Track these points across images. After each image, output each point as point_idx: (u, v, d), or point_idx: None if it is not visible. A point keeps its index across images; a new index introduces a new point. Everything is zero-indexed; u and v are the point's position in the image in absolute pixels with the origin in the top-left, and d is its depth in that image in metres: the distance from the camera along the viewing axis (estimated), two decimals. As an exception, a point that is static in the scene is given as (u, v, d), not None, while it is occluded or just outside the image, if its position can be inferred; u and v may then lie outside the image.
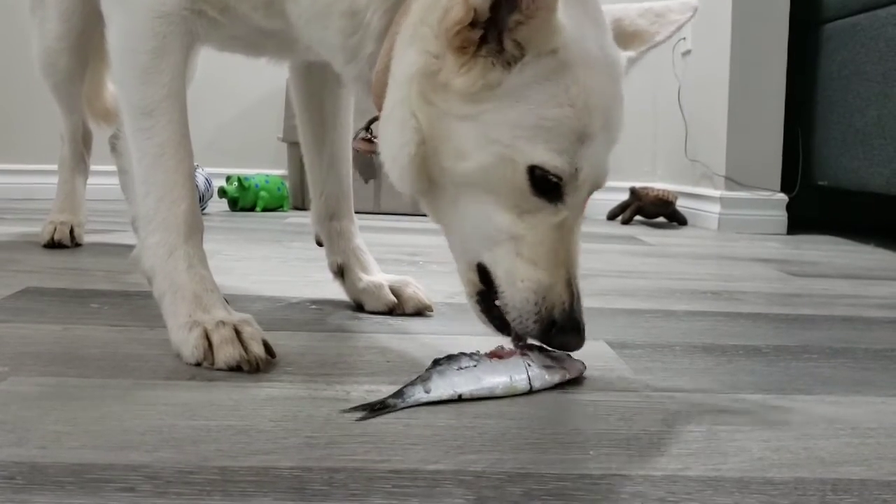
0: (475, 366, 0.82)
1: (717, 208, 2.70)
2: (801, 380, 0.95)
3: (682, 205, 2.86)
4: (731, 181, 2.69)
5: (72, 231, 1.69)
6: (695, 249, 2.20)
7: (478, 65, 0.79)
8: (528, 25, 0.77)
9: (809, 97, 2.67)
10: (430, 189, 0.85)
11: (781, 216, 2.68)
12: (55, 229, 1.68)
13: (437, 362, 0.82)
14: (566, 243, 0.83)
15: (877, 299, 1.52)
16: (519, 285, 0.81)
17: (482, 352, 0.85)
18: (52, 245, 1.67)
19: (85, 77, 1.68)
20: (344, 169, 1.23)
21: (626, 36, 0.92)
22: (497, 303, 0.84)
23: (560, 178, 0.80)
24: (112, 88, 1.83)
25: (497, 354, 0.84)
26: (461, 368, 0.81)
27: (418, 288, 1.21)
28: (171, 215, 0.94)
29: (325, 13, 0.89)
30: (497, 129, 0.79)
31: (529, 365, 0.84)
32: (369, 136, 0.97)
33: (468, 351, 0.85)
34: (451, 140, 0.81)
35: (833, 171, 2.55)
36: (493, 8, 0.77)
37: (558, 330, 0.81)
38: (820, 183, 2.64)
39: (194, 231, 0.95)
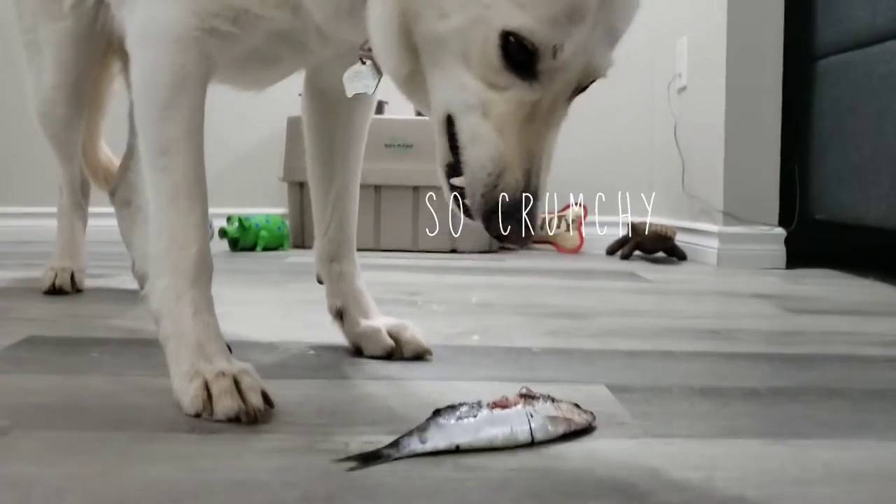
0: (475, 416, 0.81)
1: (715, 243, 2.71)
2: (799, 423, 0.95)
3: (680, 240, 2.87)
4: (730, 216, 2.70)
5: (72, 277, 1.71)
6: (694, 286, 2.21)
7: None
8: None
9: (805, 132, 2.70)
10: (416, 70, 0.82)
11: (780, 250, 2.68)
12: (56, 275, 1.69)
13: (437, 412, 0.82)
14: (537, 130, 0.77)
15: (875, 336, 1.52)
16: (480, 146, 0.77)
17: (484, 401, 0.84)
18: (54, 291, 1.68)
19: (80, 126, 1.70)
20: (349, 211, 1.23)
21: None
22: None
23: (535, 51, 0.74)
24: (107, 149, 1.86)
25: (500, 404, 0.84)
26: (460, 418, 0.81)
27: (416, 331, 1.21)
28: (181, 258, 0.95)
29: None
30: None
31: (532, 415, 0.83)
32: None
33: (469, 400, 0.84)
34: None
35: (830, 205, 2.56)
36: None
37: (504, 214, 0.76)
38: (817, 217, 2.65)
39: (203, 275, 0.96)
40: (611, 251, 3.00)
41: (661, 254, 2.89)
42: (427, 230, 2.91)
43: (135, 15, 0.99)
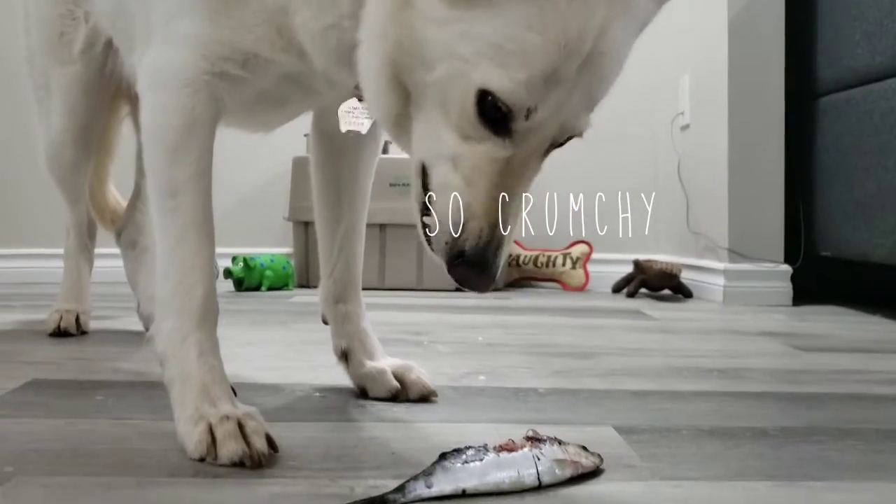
0: (482, 460, 0.80)
1: (721, 280, 2.70)
2: (810, 464, 0.93)
3: (686, 277, 2.87)
4: (735, 253, 2.70)
5: (77, 319, 1.71)
6: (700, 324, 2.20)
7: None
8: None
9: (808, 169, 2.71)
10: (403, 114, 0.83)
11: (786, 287, 2.68)
12: (61, 318, 1.69)
13: (443, 456, 0.81)
14: (507, 183, 0.78)
15: (884, 374, 1.51)
16: (447, 195, 0.79)
17: (490, 445, 0.83)
18: (59, 333, 1.68)
19: (88, 170, 1.71)
20: (355, 252, 1.23)
21: None
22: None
23: (508, 112, 0.74)
24: (115, 191, 1.88)
25: (506, 448, 0.82)
26: (466, 462, 0.80)
27: (422, 373, 1.20)
28: (187, 300, 0.95)
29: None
30: (463, 42, 0.74)
31: (539, 458, 0.82)
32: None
33: (475, 444, 0.83)
34: (424, 48, 0.77)
35: (836, 241, 2.56)
36: None
37: (463, 261, 0.78)
38: (823, 254, 2.65)
39: (208, 317, 0.96)
40: (616, 289, 2.99)
41: (666, 291, 2.88)
42: (432, 268, 2.91)
43: (145, 60, 1.01)
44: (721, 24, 2.72)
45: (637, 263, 2.92)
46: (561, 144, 0.83)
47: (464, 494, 0.78)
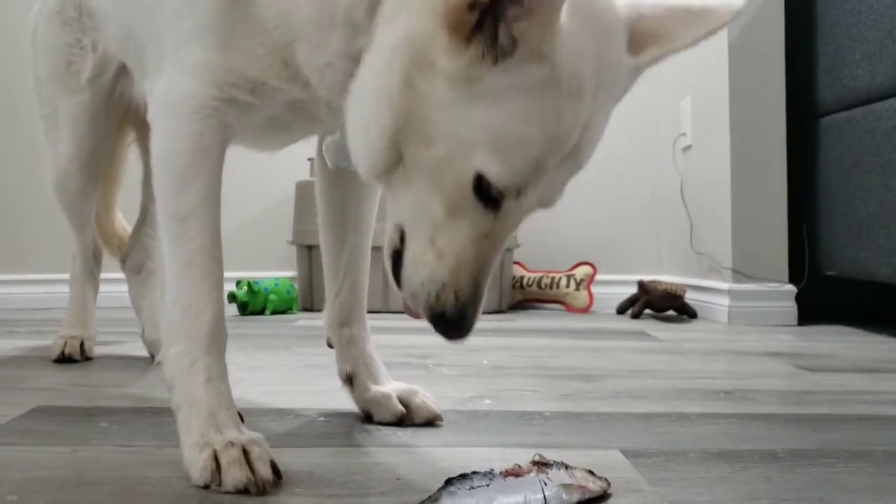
0: (488, 485, 0.80)
1: (726, 301, 2.70)
2: (820, 487, 0.93)
3: (690, 297, 2.86)
4: (739, 274, 2.69)
5: (81, 345, 1.71)
6: (706, 344, 2.19)
7: (468, 52, 0.76)
8: (527, 21, 0.73)
9: (811, 189, 2.71)
10: (391, 171, 0.84)
11: (791, 307, 2.67)
12: (65, 343, 1.69)
13: (449, 482, 0.80)
14: (485, 253, 0.83)
15: (891, 395, 1.50)
16: (419, 269, 0.83)
17: (497, 470, 0.83)
18: (63, 360, 1.67)
19: (95, 196, 1.71)
20: (360, 276, 1.23)
21: (646, 36, 0.85)
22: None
23: (501, 195, 0.80)
24: (122, 218, 1.88)
25: (513, 472, 0.82)
26: (473, 488, 0.79)
27: (427, 397, 1.20)
28: (195, 325, 0.95)
29: (328, 33, 0.88)
30: (464, 126, 0.78)
31: (545, 483, 0.81)
32: None
33: (482, 469, 0.83)
34: (424, 124, 0.79)
35: (840, 261, 2.55)
36: None
37: (444, 322, 0.83)
38: (828, 273, 2.64)
39: (217, 343, 0.96)
40: (621, 310, 2.98)
41: (671, 312, 2.87)
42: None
43: (156, 87, 1.01)
44: (722, 46, 2.73)
45: (641, 284, 2.92)
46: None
47: None
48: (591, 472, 0.86)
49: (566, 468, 0.85)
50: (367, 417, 1.19)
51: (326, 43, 0.90)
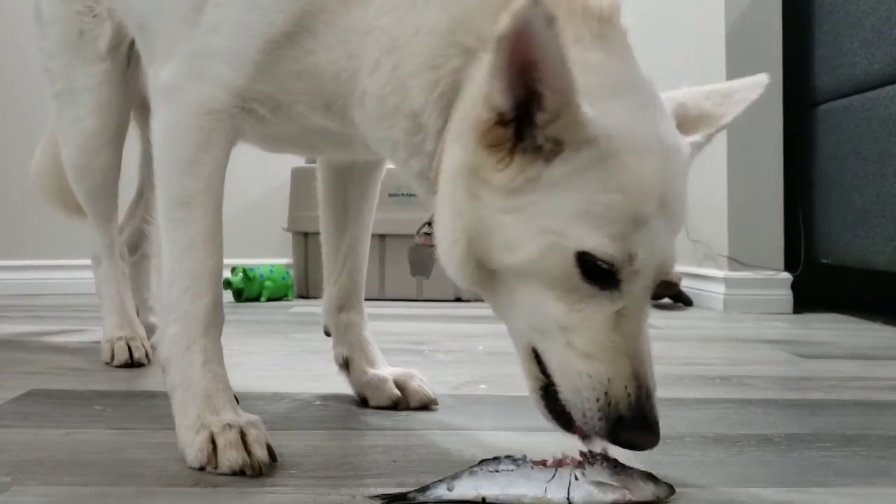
0: (512, 470, 0.77)
1: (721, 289, 2.70)
2: (816, 471, 0.93)
3: (686, 285, 2.86)
4: (735, 261, 2.69)
5: (129, 348, 1.50)
6: (702, 332, 2.19)
7: (515, 161, 0.77)
8: (556, 123, 0.75)
9: (808, 177, 2.71)
10: (489, 279, 0.83)
11: (787, 295, 2.67)
12: (128, 347, 1.49)
13: (481, 462, 0.79)
14: (628, 333, 0.78)
15: (887, 381, 1.50)
16: (576, 379, 0.77)
17: (529, 457, 0.79)
18: (132, 364, 1.47)
19: (118, 180, 1.55)
20: (359, 262, 1.23)
21: (691, 120, 0.89)
22: (559, 398, 0.79)
23: (612, 265, 0.76)
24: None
25: (544, 462, 0.79)
26: (497, 471, 0.77)
27: (422, 381, 1.20)
28: (193, 308, 0.94)
29: (391, 115, 0.88)
30: (543, 218, 0.77)
31: (577, 478, 0.77)
32: (429, 230, 0.94)
33: (516, 455, 0.80)
34: (499, 233, 0.79)
35: (836, 249, 2.56)
36: (519, 107, 0.76)
37: (624, 426, 0.76)
38: (823, 261, 2.65)
39: (214, 325, 0.95)
40: (616, 298, 2.98)
41: (666, 300, 2.87)
42: (431, 279, 2.90)
43: (166, 73, 0.97)
44: (719, 33, 2.72)
45: (637, 272, 2.91)
46: (655, 282, 0.82)
47: (483, 502, 0.77)
48: (650, 476, 0.81)
49: (615, 467, 0.80)
50: (363, 401, 1.19)
51: (386, 121, 0.89)
